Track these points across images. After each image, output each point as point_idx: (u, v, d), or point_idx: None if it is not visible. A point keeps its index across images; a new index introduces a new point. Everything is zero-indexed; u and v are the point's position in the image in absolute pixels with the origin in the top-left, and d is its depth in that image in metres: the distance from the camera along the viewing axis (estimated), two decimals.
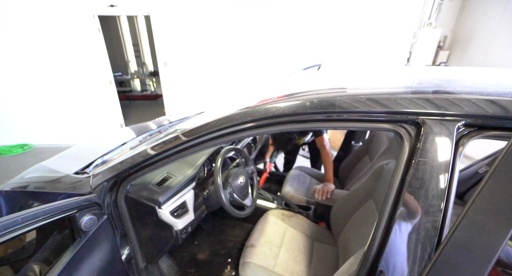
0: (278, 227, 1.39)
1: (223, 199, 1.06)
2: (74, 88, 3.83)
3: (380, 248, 0.63)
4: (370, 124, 0.67)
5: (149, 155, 0.89)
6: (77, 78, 3.78)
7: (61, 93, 3.83)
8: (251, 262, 1.15)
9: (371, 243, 0.66)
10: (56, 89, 3.78)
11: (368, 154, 1.75)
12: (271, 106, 0.73)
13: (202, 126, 0.82)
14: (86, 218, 0.73)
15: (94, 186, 0.96)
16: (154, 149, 0.88)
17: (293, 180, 1.91)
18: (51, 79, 3.70)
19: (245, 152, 1.34)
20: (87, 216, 0.74)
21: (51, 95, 3.82)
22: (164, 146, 0.86)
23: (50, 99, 3.84)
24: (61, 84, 3.77)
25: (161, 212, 0.97)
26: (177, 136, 0.84)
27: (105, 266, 0.83)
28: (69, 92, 3.84)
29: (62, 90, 3.81)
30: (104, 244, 0.85)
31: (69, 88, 3.83)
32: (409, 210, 0.58)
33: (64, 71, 3.69)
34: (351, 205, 1.24)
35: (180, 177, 1.08)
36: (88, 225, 0.74)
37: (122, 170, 0.93)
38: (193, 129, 0.83)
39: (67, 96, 3.86)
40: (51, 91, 3.77)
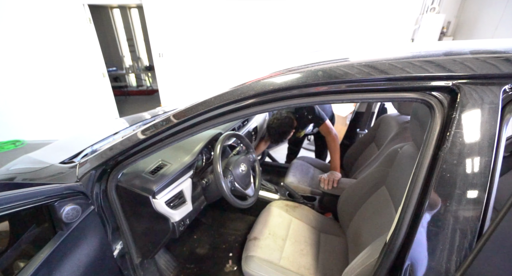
0: (282, 218, 1.31)
1: (223, 188, 0.97)
2: (65, 82, 3.69)
3: (407, 238, 0.55)
4: (392, 94, 0.57)
5: (139, 139, 0.80)
6: (68, 71, 3.63)
7: (52, 87, 3.68)
8: (255, 255, 1.07)
9: (394, 233, 0.57)
10: (47, 84, 3.64)
11: (374, 141, 1.67)
12: (276, 78, 0.63)
13: (199, 105, 0.72)
14: (68, 208, 0.64)
15: (81, 175, 0.86)
16: (145, 133, 0.78)
17: (295, 170, 1.83)
18: (42, 73, 3.56)
19: (246, 139, 1.24)
20: (69, 205, 0.64)
21: (42, 90, 3.67)
22: (156, 129, 0.76)
23: (42, 94, 3.70)
24: (52, 78, 3.62)
25: (156, 202, 0.88)
26: (170, 118, 0.75)
27: (93, 263, 0.75)
28: (61, 86, 3.70)
29: (54, 84, 3.67)
30: (92, 238, 0.76)
31: (61, 82, 3.68)
32: (445, 191, 0.50)
33: (55, 64, 3.54)
34: (361, 194, 1.16)
35: (176, 165, 0.99)
36: (70, 216, 0.65)
37: (111, 156, 0.83)
38: (188, 109, 0.73)
39: (59, 90, 3.72)
40: (42, 86, 3.63)
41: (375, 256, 0.72)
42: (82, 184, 0.77)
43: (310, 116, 1.66)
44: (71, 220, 0.65)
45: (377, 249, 0.72)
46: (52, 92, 3.70)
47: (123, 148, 0.82)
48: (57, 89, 3.69)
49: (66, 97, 3.77)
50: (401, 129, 1.32)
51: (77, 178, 0.82)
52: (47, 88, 3.66)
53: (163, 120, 0.76)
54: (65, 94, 3.75)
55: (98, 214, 0.89)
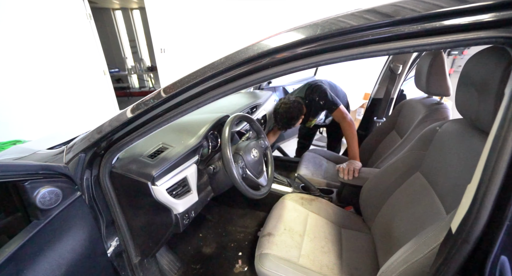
0: (298, 212, 1.17)
1: (234, 174, 0.84)
2: (65, 80, 3.60)
3: (488, 227, 0.40)
4: (453, 37, 0.44)
5: (132, 115, 0.67)
6: (68, 69, 3.55)
7: (52, 85, 3.59)
8: (270, 253, 0.93)
9: (467, 221, 0.43)
10: (47, 82, 3.55)
11: (395, 129, 1.52)
12: (288, 33, 0.52)
13: (200, 71, 0.60)
14: (44, 191, 0.51)
15: (68, 159, 0.74)
16: (138, 108, 0.66)
17: (308, 162, 1.69)
18: (41, 71, 3.47)
19: (257, 123, 1.11)
20: (45, 187, 0.52)
21: (42, 89, 3.58)
22: (146, 106, 0.65)
23: (41, 93, 3.60)
24: (51, 76, 3.54)
25: (156, 190, 0.75)
26: (161, 92, 0.63)
27: (80, 261, 0.62)
28: (61, 84, 3.61)
29: (53, 83, 3.58)
30: (79, 231, 0.63)
31: (61, 80, 3.59)
32: None
33: (54, 62, 3.46)
34: (389, 183, 1.02)
35: (178, 148, 0.86)
36: (47, 200, 0.52)
37: (101, 136, 0.71)
38: (188, 76, 0.62)
39: (59, 88, 3.62)
40: (42, 84, 3.54)
41: (424, 251, 0.58)
42: (67, 167, 0.64)
43: (322, 101, 1.52)
44: (49, 206, 0.52)
45: (427, 243, 0.58)
46: (52, 90, 3.60)
47: (114, 125, 0.70)
48: (57, 87, 3.60)
49: (66, 96, 3.68)
50: (430, 111, 1.18)
51: (63, 163, 0.70)
52: (47, 87, 3.57)
53: (155, 95, 0.64)
54: (65, 93, 3.66)
55: (89, 205, 0.77)
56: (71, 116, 3.83)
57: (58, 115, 3.80)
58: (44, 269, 0.51)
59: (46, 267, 0.52)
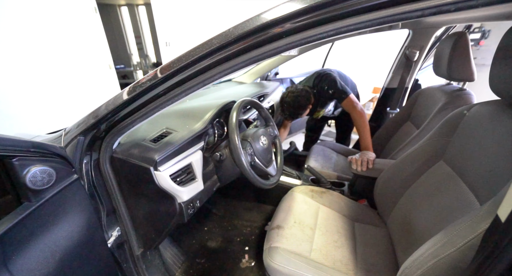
0: (308, 205, 1.11)
1: (242, 160, 0.78)
2: (70, 74, 3.58)
3: None
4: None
5: (129, 96, 0.63)
6: (73, 62, 3.53)
7: (56, 80, 3.59)
8: (279, 247, 0.87)
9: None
10: (51, 77, 3.54)
11: (410, 120, 1.44)
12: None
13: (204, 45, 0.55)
14: (35, 169, 0.46)
15: (66, 142, 0.69)
16: (135, 89, 0.62)
17: (317, 155, 1.62)
18: (45, 65, 3.46)
19: (266, 110, 1.05)
20: (36, 166, 0.47)
21: (46, 84, 3.58)
22: (149, 83, 0.60)
23: (45, 87, 3.60)
24: (56, 70, 3.53)
25: (159, 175, 0.70)
26: (157, 72, 0.59)
27: (76, 249, 0.57)
28: (65, 78, 3.59)
29: (58, 77, 3.57)
30: (75, 217, 0.58)
31: (65, 74, 3.58)
32: None
33: (59, 55, 3.44)
34: (407, 173, 0.95)
35: (183, 132, 0.80)
36: (39, 180, 0.47)
37: (100, 117, 0.66)
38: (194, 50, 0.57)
39: (64, 83, 3.62)
40: (46, 79, 3.53)
41: (457, 244, 0.52)
42: (63, 149, 0.59)
43: (331, 91, 1.45)
44: (41, 187, 0.47)
45: (461, 235, 0.52)
46: (57, 85, 3.60)
47: (115, 104, 0.65)
48: (62, 81, 3.59)
49: (71, 90, 3.67)
50: (451, 98, 1.10)
51: (61, 146, 0.65)
52: (51, 82, 3.56)
53: (152, 76, 0.60)
54: (70, 87, 3.64)
55: (89, 192, 0.72)
56: (76, 111, 3.82)
57: (63, 110, 3.80)
58: (35, 255, 0.46)
59: (38, 254, 0.47)
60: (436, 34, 1.37)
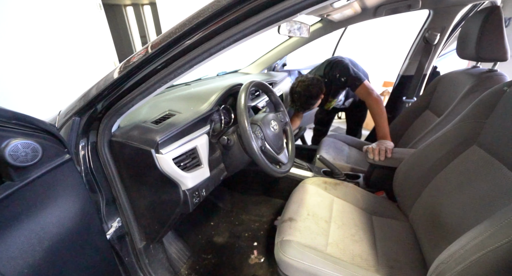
0: (322, 197, 1.03)
1: (252, 144, 0.71)
2: (75, 71, 3.57)
3: None
4: None
5: (128, 69, 0.57)
6: (78, 59, 3.52)
7: (61, 77, 3.58)
8: (292, 240, 0.80)
9: None
10: (56, 73, 3.54)
11: (429, 108, 1.35)
12: None
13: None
14: (16, 143, 0.40)
15: (61, 123, 0.64)
16: (135, 61, 0.56)
17: (328, 147, 1.54)
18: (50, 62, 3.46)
19: (276, 94, 0.98)
20: (17, 139, 0.40)
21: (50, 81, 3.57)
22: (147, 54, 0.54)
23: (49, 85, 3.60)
24: (61, 67, 3.52)
25: (161, 159, 0.63)
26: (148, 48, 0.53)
27: (68, 237, 0.51)
28: (70, 75, 3.58)
29: (63, 74, 3.56)
30: (68, 202, 0.52)
31: (70, 71, 3.57)
32: None
33: (63, 52, 3.43)
34: (432, 161, 0.86)
35: (187, 113, 0.74)
36: (20, 155, 0.41)
37: (96, 94, 0.60)
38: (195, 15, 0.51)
39: (68, 80, 3.60)
40: (50, 76, 3.53)
41: (500, 236, 0.44)
42: (54, 126, 0.53)
43: (344, 78, 1.37)
44: (24, 163, 0.41)
45: (501, 225, 0.44)
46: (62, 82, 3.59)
47: (113, 78, 0.59)
48: (67, 78, 3.58)
49: (76, 87, 3.65)
50: (480, 80, 1.00)
51: (52, 124, 0.59)
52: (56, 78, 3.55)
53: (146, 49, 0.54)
54: (75, 84, 3.63)
55: (86, 179, 0.66)
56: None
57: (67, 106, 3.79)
58: (19, 242, 0.41)
59: (22, 240, 0.41)
60: (461, 11, 1.27)
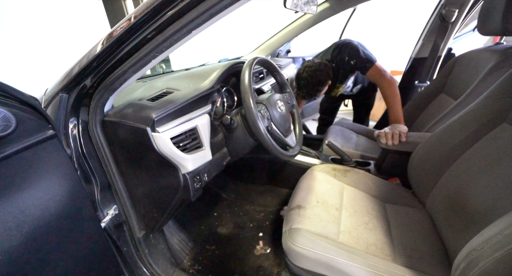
0: (331, 184, 0.97)
1: (258, 124, 0.64)
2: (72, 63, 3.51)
3: None
4: None
5: (116, 37, 0.50)
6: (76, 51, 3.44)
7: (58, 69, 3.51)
8: (302, 228, 0.74)
9: None
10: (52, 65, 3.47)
11: (445, 91, 1.27)
12: None
13: None
14: None
15: (47, 101, 0.58)
16: (124, 27, 0.49)
17: (335, 135, 1.47)
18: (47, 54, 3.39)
19: (282, 73, 0.91)
20: None
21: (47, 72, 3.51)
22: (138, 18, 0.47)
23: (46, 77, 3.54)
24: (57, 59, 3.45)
25: (157, 138, 0.57)
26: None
27: (55, 224, 0.45)
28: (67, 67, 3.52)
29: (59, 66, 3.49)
30: (52, 183, 0.46)
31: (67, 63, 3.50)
32: None
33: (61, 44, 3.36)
34: (453, 143, 0.79)
35: (186, 90, 0.67)
36: None
37: (83, 66, 0.54)
38: None
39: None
40: (46, 67, 3.47)
41: None
42: (36, 100, 0.47)
43: (353, 61, 1.29)
44: None
45: None
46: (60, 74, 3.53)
47: (102, 47, 0.52)
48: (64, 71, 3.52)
49: None
50: (507, 56, 0.92)
51: (33, 96, 0.54)
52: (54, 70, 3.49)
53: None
54: None
55: (77, 162, 0.61)
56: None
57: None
58: None
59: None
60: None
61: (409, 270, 0.64)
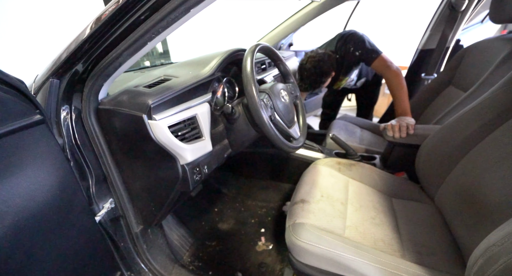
0: (336, 178, 0.94)
1: (261, 113, 0.61)
2: None
3: None
4: None
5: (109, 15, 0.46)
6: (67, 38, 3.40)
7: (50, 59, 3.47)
8: (306, 222, 0.71)
9: None
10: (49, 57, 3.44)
11: (453, 83, 1.23)
12: None
13: None
14: None
15: (36, 88, 0.55)
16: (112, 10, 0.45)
17: (339, 130, 1.43)
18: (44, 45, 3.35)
19: (285, 62, 0.87)
20: None
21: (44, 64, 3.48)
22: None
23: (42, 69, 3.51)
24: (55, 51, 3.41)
25: (154, 126, 0.54)
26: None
27: (42, 218, 0.42)
28: None
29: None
30: (40, 172, 0.43)
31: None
32: None
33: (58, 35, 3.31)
34: (465, 135, 0.75)
35: (185, 77, 0.64)
36: None
37: (74, 49, 0.51)
38: None
39: None
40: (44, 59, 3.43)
41: None
42: (22, 83, 0.44)
43: (358, 52, 1.25)
44: None
45: None
46: None
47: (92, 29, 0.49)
48: None
49: None
50: None
51: (18, 79, 0.50)
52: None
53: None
54: None
55: (70, 152, 0.57)
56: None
57: None
58: None
59: None
60: None
61: (420, 267, 0.61)
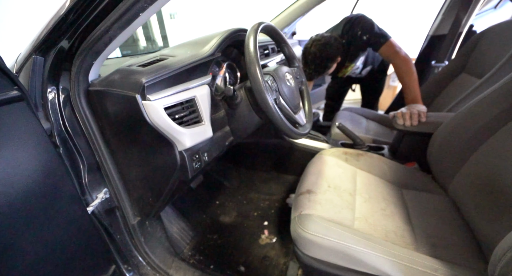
0: (343, 169, 0.89)
1: (265, 95, 0.56)
2: None
3: None
4: None
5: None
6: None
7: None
8: (313, 214, 0.67)
9: None
10: None
11: (466, 70, 1.17)
12: None
13: None
14: None
15: (19, 66, 0.50)
16: None
17: (344, 120, 1.38)
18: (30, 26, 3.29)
19: (290, 46, 0.81)
20: None
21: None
22: None
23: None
24: None
25: (148, 106, 0.49)
26: None
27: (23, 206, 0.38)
28: None
29: None
30: (19, 154, 0.39)
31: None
32: None
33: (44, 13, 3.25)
34: (483, 122, 0.70)
35: (183, 57, 0.59)
36: None
37: (58, 20, 0.46)
38: None
39: None
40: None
41: None
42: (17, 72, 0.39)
43: (366, 36, 1.18)
44: None
45: None
46: None
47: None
48: None
49: None
50: None
51: (14, 71, 0.46)
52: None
53: None
54: None
55: (59, 138, 0.53)
56: None
57: None
58: None
59: None
60: None
61: (436, 260, 0.56)
